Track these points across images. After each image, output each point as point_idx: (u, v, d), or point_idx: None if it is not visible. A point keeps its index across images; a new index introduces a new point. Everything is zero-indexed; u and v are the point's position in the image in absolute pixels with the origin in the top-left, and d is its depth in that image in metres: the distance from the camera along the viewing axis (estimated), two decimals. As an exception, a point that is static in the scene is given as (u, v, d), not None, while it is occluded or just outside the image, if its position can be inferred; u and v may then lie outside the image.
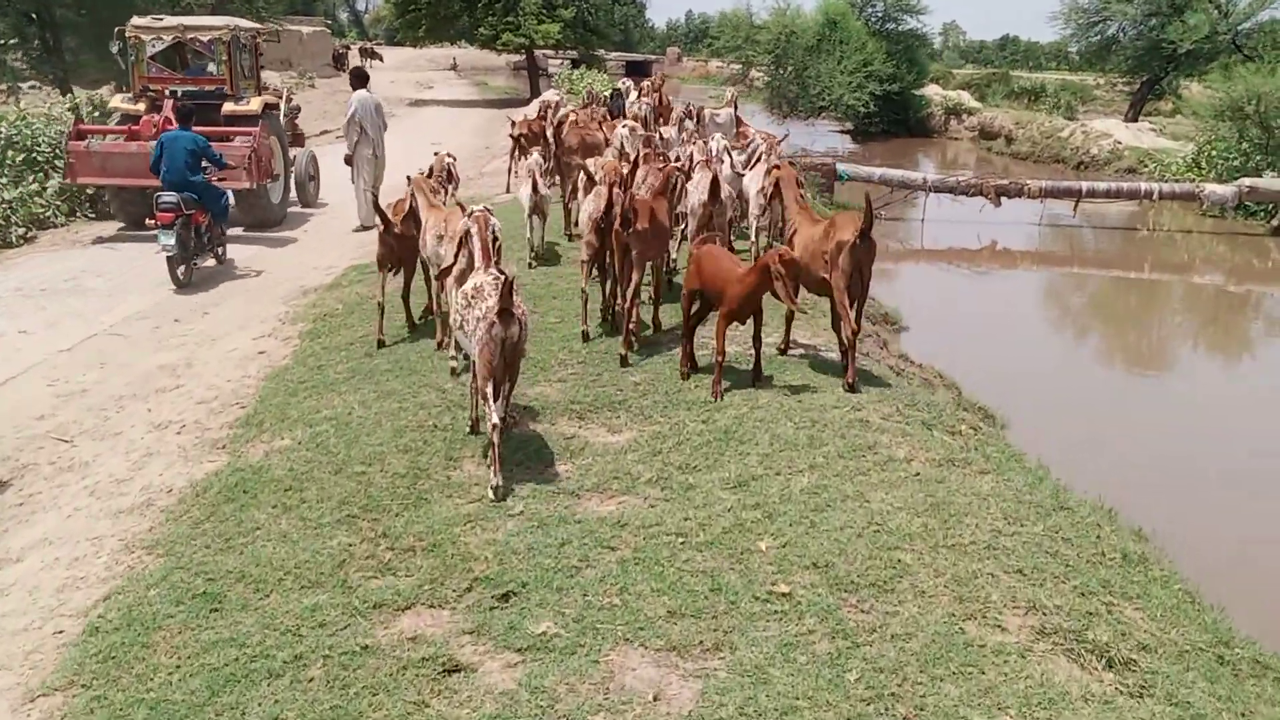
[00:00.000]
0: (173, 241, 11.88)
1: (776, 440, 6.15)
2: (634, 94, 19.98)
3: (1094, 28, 41.97)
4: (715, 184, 9.52)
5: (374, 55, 66.17)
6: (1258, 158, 23.24)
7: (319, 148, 20.18)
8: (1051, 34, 59.49)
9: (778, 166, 9.47)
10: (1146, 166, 27.99)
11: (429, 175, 10.30)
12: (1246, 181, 20.93)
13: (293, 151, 17.15)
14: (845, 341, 7.34)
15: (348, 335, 9.38)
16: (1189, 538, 7.05)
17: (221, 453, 6.88)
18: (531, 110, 20.27)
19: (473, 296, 5.96)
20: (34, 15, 26.59)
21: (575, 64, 48.52)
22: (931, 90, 45.15)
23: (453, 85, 55.49)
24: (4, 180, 15.69)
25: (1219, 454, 10.03)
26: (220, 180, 13.34)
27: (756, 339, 7.44)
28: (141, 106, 15.21)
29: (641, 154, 11.34)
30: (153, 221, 12.29)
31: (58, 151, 16.56)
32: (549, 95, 21.11)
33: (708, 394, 7.07)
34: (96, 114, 19.71)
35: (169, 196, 12.00)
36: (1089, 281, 19.14)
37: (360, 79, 15.61)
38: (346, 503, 5.69)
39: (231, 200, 13.84)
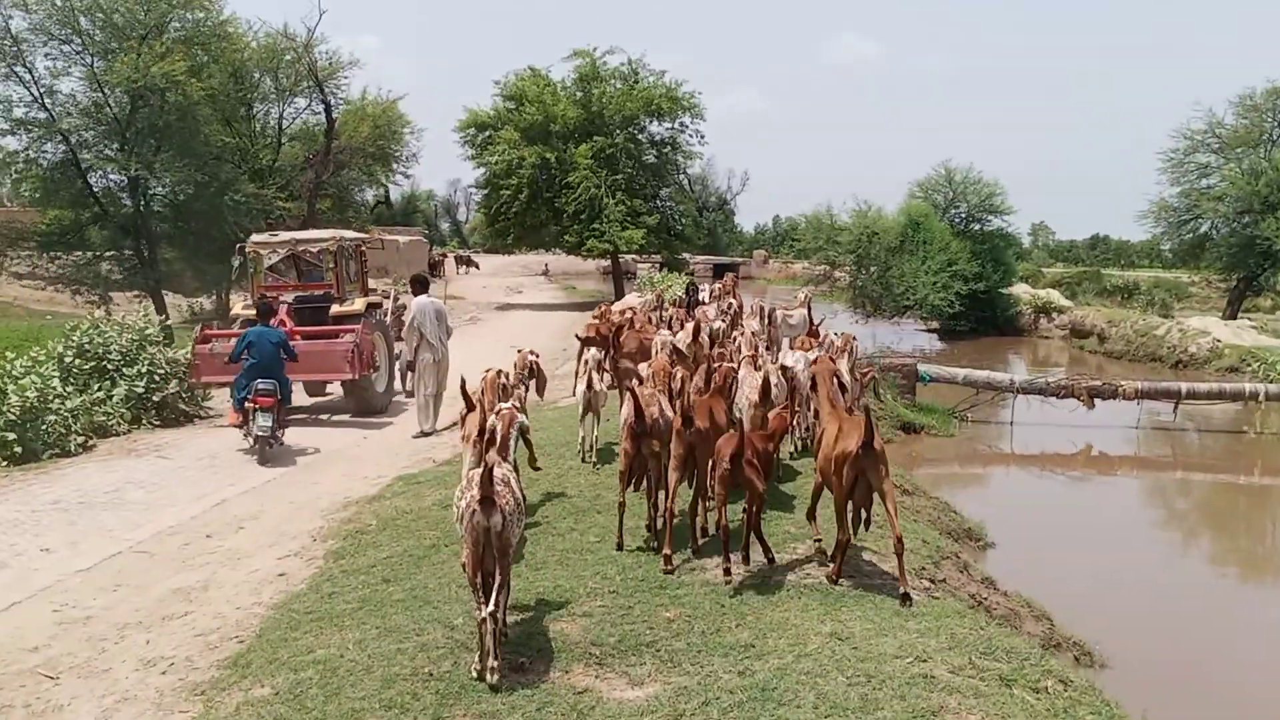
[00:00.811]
0: (269, 423, 13.30)
1: (823, 701, 5.17)
2: (705, 294, 19.66)
3: (1185, 226, 41.35)
4: (766, 384, 8.91)
5: (470, 263, 68.28)
6: (1368, 355, 21.98)
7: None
8: (1142, 233, 58.99)
9: (816, 360, 8.95)
10: (1249, 365, 26.68)
11: (513, 373, 10.40)
12: (1359, 380, 19.67)
13: (398, 346, 18.07)
14: (840, 543, 7.26)
15: (372, 556, 8.68)
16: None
17: (196, 701, 6.10)
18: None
19: (465, 488, 5.94)
20: (130, 227, 27.42)
21: (662, 267, 49.06)
22: (1020, 289, 44.50)
23: (541, 290, 56.48)
24: (70, 389, 15.63)
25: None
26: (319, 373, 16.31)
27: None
28: (255, 312, 16.18)
29: (695, 354, 10.99)
30: (252, 404, 13.51)
31: (128, 359, 16.64)
32: (631, 299, 21.06)
33: (750, 635, 6.16)
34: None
35: (267, 384, 13.46)
36: (1194, 487, 17.75)
37: (421, 285, 15.54)
38: (305, 777, 4.84)
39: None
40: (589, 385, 11.31)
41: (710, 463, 7.84)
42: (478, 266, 68.09)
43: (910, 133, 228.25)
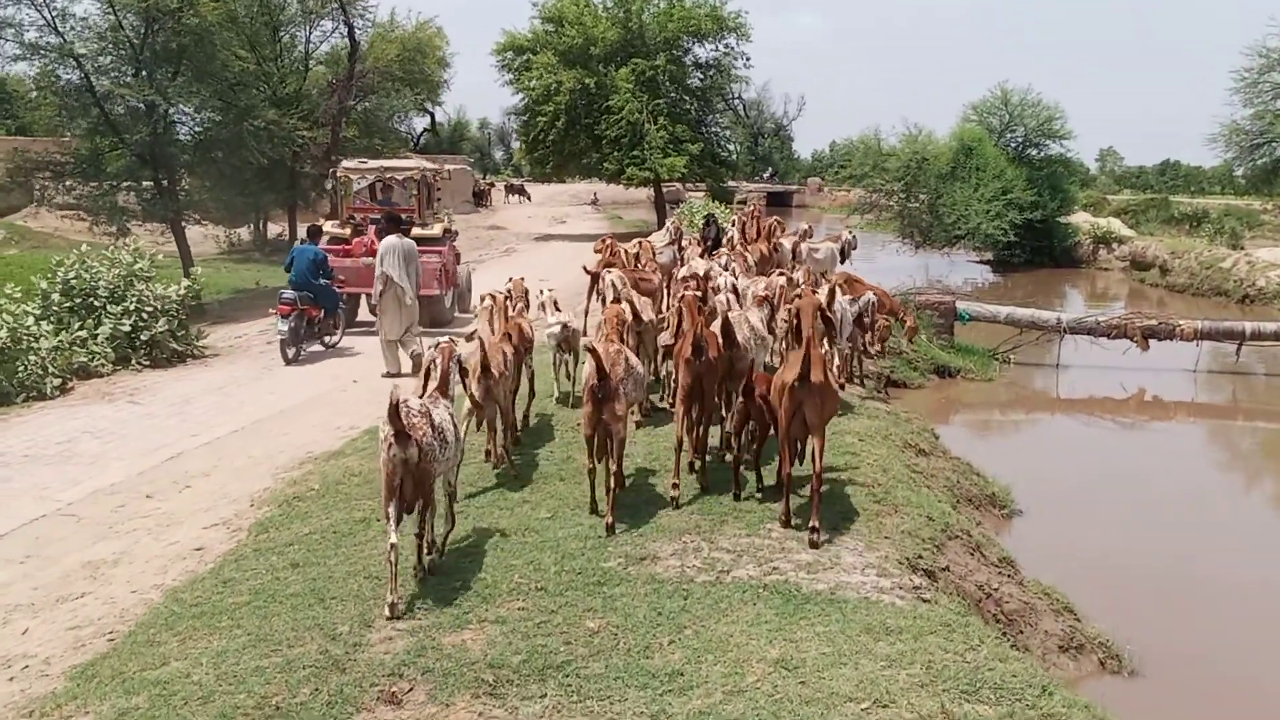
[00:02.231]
0: (286, 328, 15.01)
1: (743, 766, 4.02)
2: (731, 229, 18.38)
3: (1258, 150, 38.79)
4: (727, 328, 8.46)
5: (522, 192, 67.03)
6: None
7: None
8: (1212, 158, 56.20)
9: (799, 295, 8.18)
10: (1323, 301, 24.90)
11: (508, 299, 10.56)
12: None
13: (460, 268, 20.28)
14: (781, 480, 7.24)
15: (296, 530, 7.66)
16: None
17: (17, 726, 5.13)
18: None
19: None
20: (147, 156, 26.57)
21: (714, 195, 47.44)
22: (1080, 218, 42.39)
23: (586, 219, 55.21)
24: (47, 328, 14.81)
25: None
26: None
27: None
28: (348, 231, 18.37)
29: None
30: (274, 311, 15.40)
31: (115, 296, 15.87)
32: (668, 227, 20.17)
33: (682, 656, 5.03)
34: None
35: (288, 294, 15.11)
36: (1259, 437, 16.13)
37: (392, 223, 14.97)
38: None
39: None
40: (563, 324, 10.70)
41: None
42: (529, 197, 66.85)
43: (975, 53, 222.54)
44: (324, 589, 6.21)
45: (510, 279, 11.27)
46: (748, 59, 45.13)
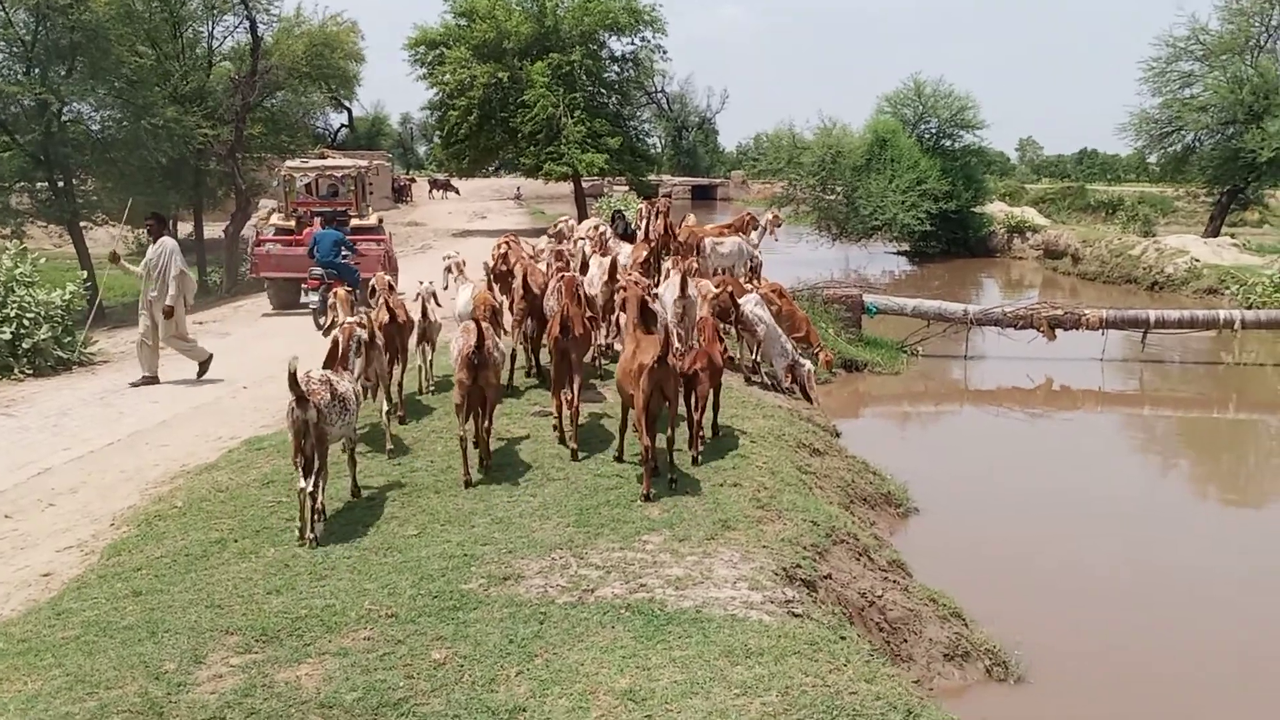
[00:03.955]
0: (315, 299, 16.93)
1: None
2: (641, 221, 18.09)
3: (1168, 138, 39.44)
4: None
5: (449, 187, 66.16)
6: (1356, 274, 20.45)
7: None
8: (1124, 146, 57.08)
9: (624, 286, 9.23)
10: (1228, 287, 25.18)
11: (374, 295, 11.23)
12: (1345, 303, 18.16)
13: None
14: (643, 455, 7.70)
15: (148, 553, 7.19)
16: None
17: None
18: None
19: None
20: (41, 157, 25.66)
21: (636, 190, 47.05)
22: (995, 207, 42.79)
23: (508, 214, 54.66)
24: (-85, 340, 14.13)
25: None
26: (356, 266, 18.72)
27: None
28: (293, 223, 20.49)
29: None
30: (306, 286, 17.74)
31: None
32: (587, 223, 19.86)
33: (528, 689, 4.69)
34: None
35: (317, 270, 17.24)
36: (1163, 425, 16.22)
37: (162, 223, 14.57)
38: None
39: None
40: (424, 314, 11.11)
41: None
42: (457, 192, 66.10)
43: (898, 45, 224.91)
44: (159, 621, 5.77)
45: (374, 276, 11.65)
46: (664, 52, 44.84)
